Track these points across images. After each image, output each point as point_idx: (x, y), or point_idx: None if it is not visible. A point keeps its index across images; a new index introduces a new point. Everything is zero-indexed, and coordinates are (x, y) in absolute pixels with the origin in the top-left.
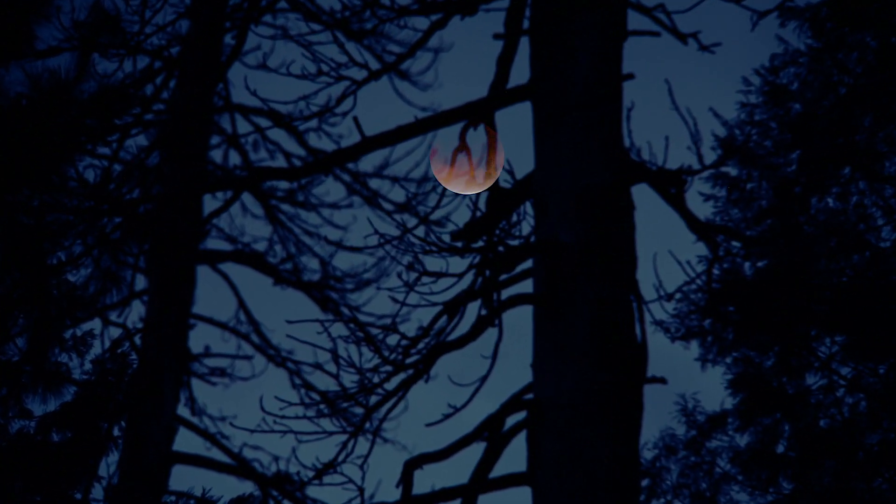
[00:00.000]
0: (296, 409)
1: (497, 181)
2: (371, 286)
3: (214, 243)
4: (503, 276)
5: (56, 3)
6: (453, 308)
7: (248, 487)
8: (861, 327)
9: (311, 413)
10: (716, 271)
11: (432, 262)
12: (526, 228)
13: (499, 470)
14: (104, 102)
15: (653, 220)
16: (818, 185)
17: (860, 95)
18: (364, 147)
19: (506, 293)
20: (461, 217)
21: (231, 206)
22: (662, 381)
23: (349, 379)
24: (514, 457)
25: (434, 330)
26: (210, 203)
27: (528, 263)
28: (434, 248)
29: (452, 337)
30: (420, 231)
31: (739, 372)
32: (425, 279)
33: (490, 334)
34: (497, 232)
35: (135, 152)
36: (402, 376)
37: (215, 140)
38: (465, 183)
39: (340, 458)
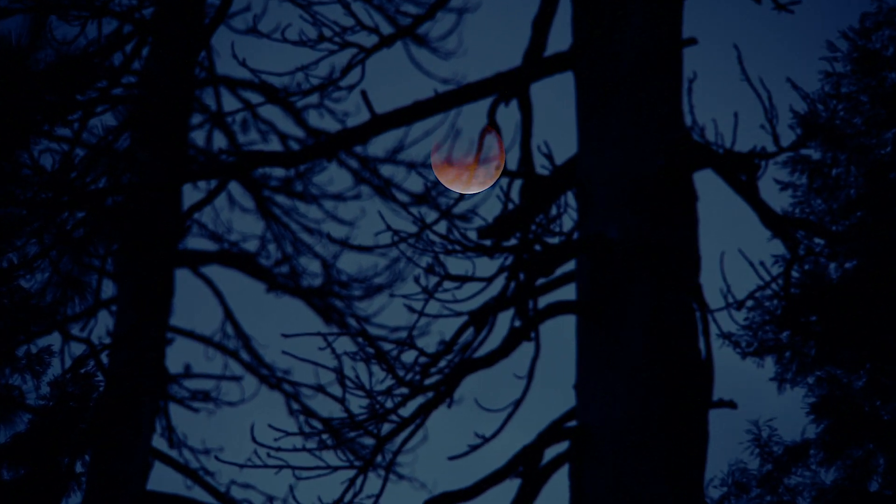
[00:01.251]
0: (294, 440)
1: (533, 168)
2: (383, 293)
3: (196, 242)
4: (540, 281)
5: None
6: (481, 318)
7: None
8: None
9: (311, 444)
10: (795, 274)
11: (456, 264)
12: (567, 223)
13: None
14: (64, 74)
15: (719, 213)
16: None
17: None
18: (374, 127)
19: (543, 301)
20: (490, 210)
21: (216, 198)
22: (731, 405)
23: (357, 404)
24: (554, 496)
25: (458, 345)
26: (191, 194)
27: (571, 265)
28: (458, 248)
29: (480, 353)
30: (441, 227)
31: (823, 394)
32: (447, 284)
33: (525, 350)
34: (533, 228)
35: (101, 134)
36: (420, 400)
37: (197, 119)
38: (491, 174)
39: (347, 498)
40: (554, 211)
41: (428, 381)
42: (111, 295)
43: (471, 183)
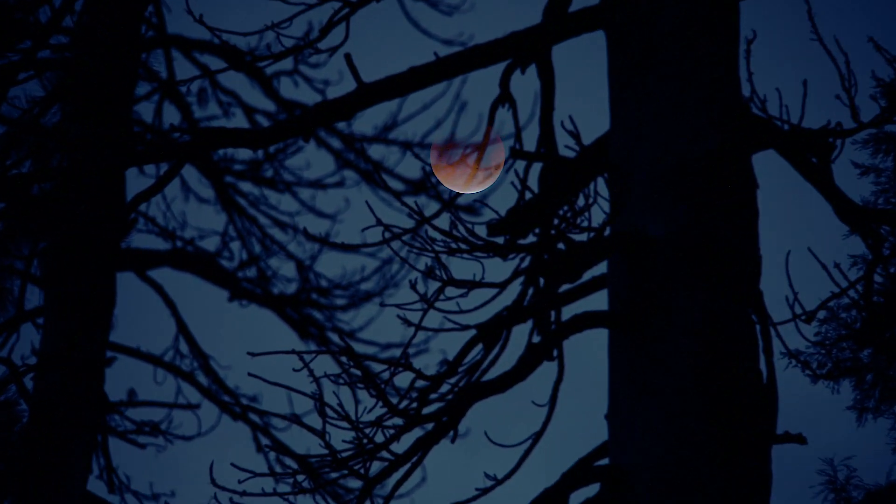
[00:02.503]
0: (263, 482)
1: (556, 148)
2: (372, 302)
3: (143, 240)
4: (565, 287)
5: None
6: (492, 333)
7: None
8: None
9: (284, 488)
10: (878, 278)
11: (461, 267)
12: (598, 216)
13: None
14: None
15: (783, 204)
16: None
17: None
18: (361, 98)
19: (568, 311)
20: (503, 201)
21: (167, 186)
22: (800, 440)
23: (340, 437)
24: None
25: (464, 365)
26: (136, 181)
27: (602, 268)
28: (464, 247)
29: (491, 376)
30: (443, 221)
31: None
32: (451, 291)
33: (546, 371)
34: (555, 222)
35: (24, 107)
36: (417, 433)
37: (143, 89)
38: (503, 156)
39: None
40: (581, 201)
41: (427, 410)
42: (37, 304)
43: (479, 169)
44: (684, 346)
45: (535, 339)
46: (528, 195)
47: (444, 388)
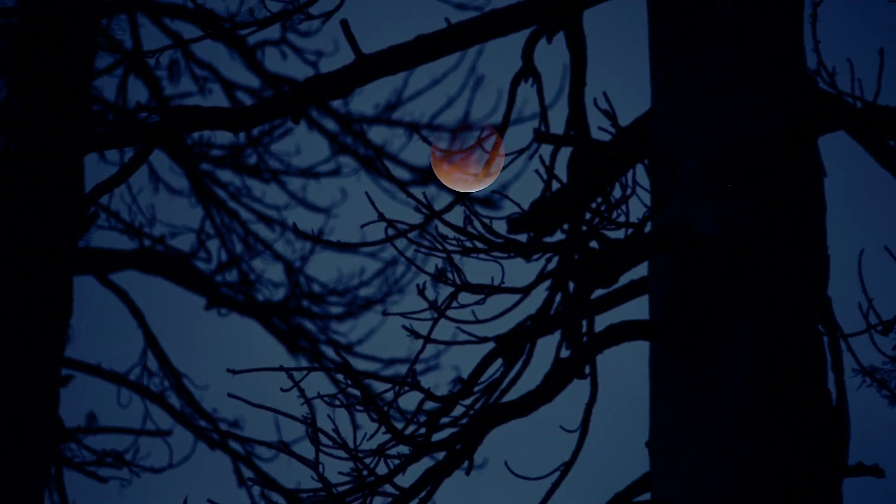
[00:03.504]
0: None
1: (587, 130)
2: (373, 310)
3: (105, 238)
4: (598, 292)
5: None
6: (513, 346)
7: None
8: None
9: None
10: None
11: (477, 269)
12: (637, 210)
13: None
14: None
15: (855, 195)
16: None
17: None
18: (360, 72)
19: (602, 321)
20: (526, 192)
21: (132, 175)
22: (876, 472)
23: (336, 469)
24: None
25: (480, 384)
26: (97, 170)
27: (642, 270)
28: (480, 245)
29: (512, 396)
30: (457, 216)
31: None
32: (465, 297)
33: (577, 391)
34: (588, 216)
35: None
36: (426, 463)
37: (105, 61)
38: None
39: None
40: (618, 192)
41: (437, 437)
42: None
43: (498, 155)
44: (741, 362)
45: (564, 353)
46: (555, 185)
47: (458, 410)
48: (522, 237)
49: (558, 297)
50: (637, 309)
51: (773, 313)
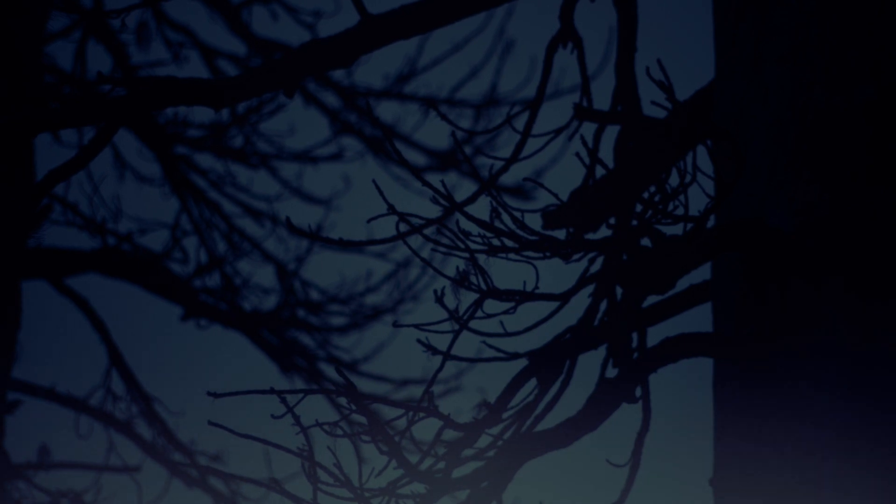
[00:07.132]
0: None
1: (639, 105)
2: (382, 321)
3: (60, 235)
4: (651, 300)
5: None
6: (549, 364)
7: None
8: None
9: None
10: None
11: (507, 272)
12: (697, 201)
13: None
14: None
15: None
16: None
17: None
18: (366, 37)
19: (656, 333)
20: (565, 180)
21: (93, 160)
22: None
23: None
24: None
25: (510, 409)
26: (51, 153)
27: (704, 272)
28: (510, 244)
29: (548, 424)
30: (482, 208)
31: None
32: (492, 306)
33: (626, 416)
34: (638, 209)
35: None
36: None
37: (60, 22)
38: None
39: None
40: (674, 180)
41: (459, 472)
42: None
43: (530, 135)
44: (829, 383)
45: (611, 372)
46: (599, 171)
47: (484, 440)
48: (560, 234)
49: (603, 306)
50: (698, 319)
51: (863, 324)
